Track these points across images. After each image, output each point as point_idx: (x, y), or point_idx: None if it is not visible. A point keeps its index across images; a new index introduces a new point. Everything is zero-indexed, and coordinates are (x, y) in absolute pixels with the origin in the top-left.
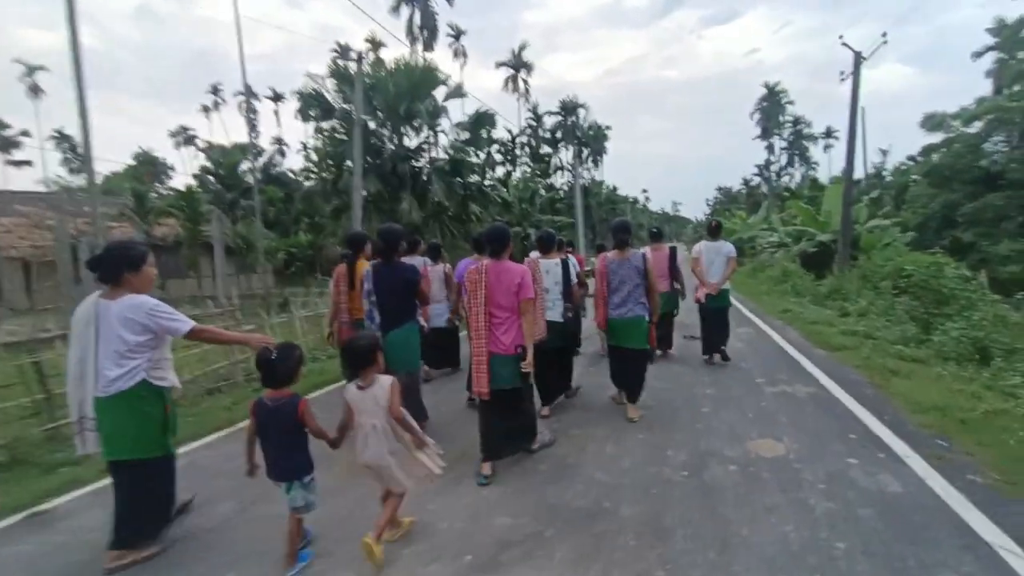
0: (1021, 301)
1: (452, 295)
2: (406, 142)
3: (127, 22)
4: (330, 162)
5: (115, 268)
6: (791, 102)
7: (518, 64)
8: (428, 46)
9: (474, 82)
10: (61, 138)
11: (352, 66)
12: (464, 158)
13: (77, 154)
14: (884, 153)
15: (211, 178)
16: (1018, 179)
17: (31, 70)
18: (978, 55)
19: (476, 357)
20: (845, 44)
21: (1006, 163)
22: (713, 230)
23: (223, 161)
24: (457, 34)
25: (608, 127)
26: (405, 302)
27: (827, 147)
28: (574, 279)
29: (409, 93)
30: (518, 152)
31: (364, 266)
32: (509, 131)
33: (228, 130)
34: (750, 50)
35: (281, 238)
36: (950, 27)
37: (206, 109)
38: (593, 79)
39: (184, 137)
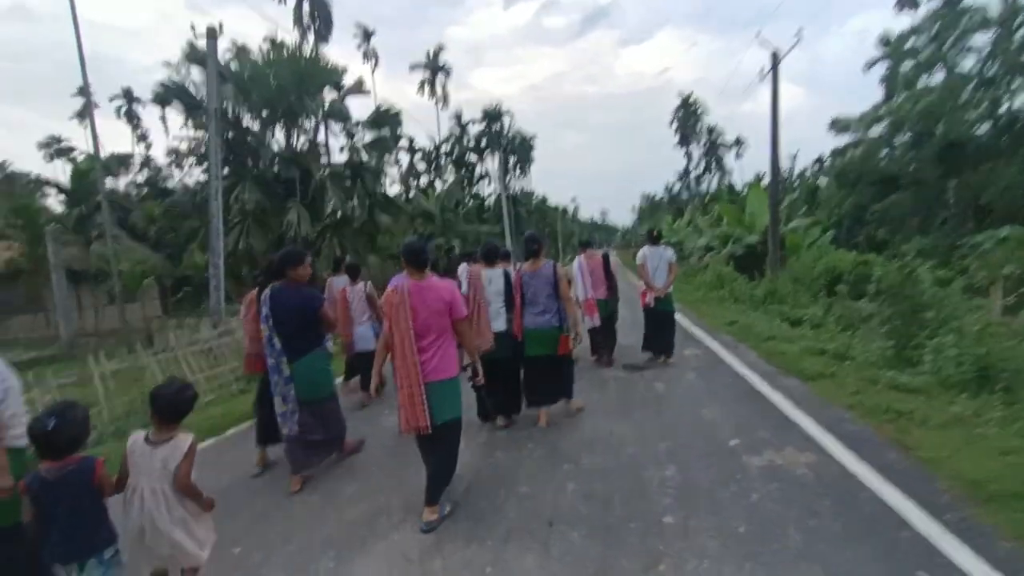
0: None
1: (377, 314)
2: (294, 144)
3: None
4: (194, 168)
5: None
6: (705, 112)
7: (434, 67)
8: (322, 37)
9: (399, 96)
10: None
11: (222, 51)
12: (364, 162)
13: None
14: (794, 158)
15: (54, 190)
16: (917, 178)
17: None
18: (869, 66)
19: (406, 389)
20: (762, 43)
21: (905, 163)
22: (654, 237)
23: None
24: (366, 34)
25: (534, 136)
26: (307, 328)
27: (738, 155)
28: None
29: (295, 87)
30: (442, 161)
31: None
32: (433, 139)
33: (105, 140)
34: (662, 69)
35: (168, 259)
36: (826, 53)
37: (80, 116)
38: (517, 93)
39: (56, 148)
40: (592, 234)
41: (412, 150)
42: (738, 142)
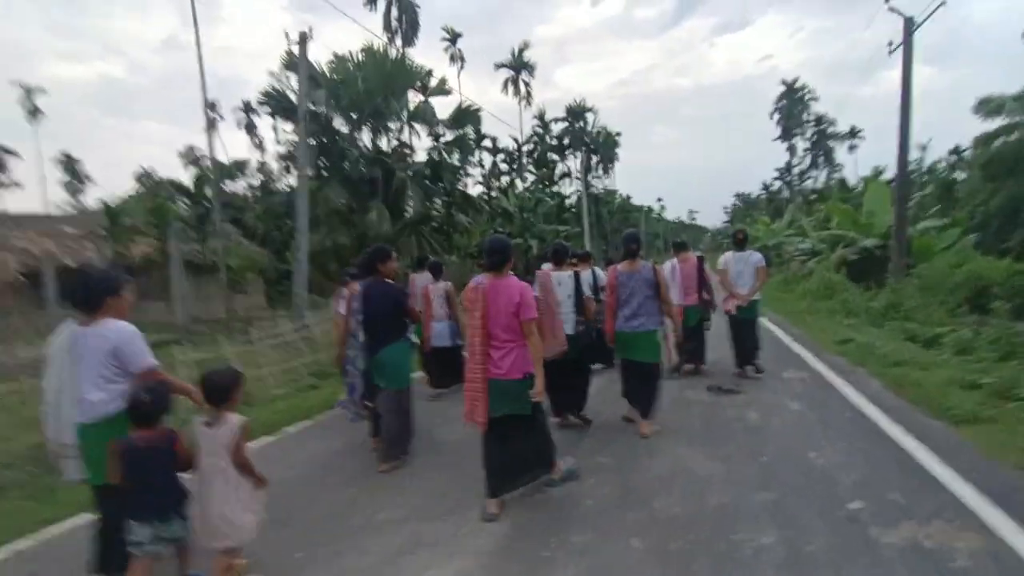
0: None
1: (455, 313)
2: (380, 144)
3: (153, 53)
4: (292, 170)
5: (95, 295)
6: (814, 98)
7: (518, 65)
8: (408, 41)
9: (484, 98)
10: (67, 160)
11: (319, 60)
12: (444, 161)
13: (78, 176)
14: (923, 149)
15: (177, 192)
16: None
17: (29, 92)
18: None
19: (470, 383)
20: (893, 9)
21: None
22: (739, 241)
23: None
24: (453, 37)
25: (619, 133)
26: (393, 321)
27: (852, 147)
28: (587, 292)
29: (381, 89)
30: (524, 160)
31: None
32: (515, 139)
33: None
34: (763, 56)
35: (274, 255)
36: (964, 26)
37: (210, 127)
38: (604, 90)
39: (192, 157)
40: (679, 235)
41: (495, 150)
42: (852, 133)
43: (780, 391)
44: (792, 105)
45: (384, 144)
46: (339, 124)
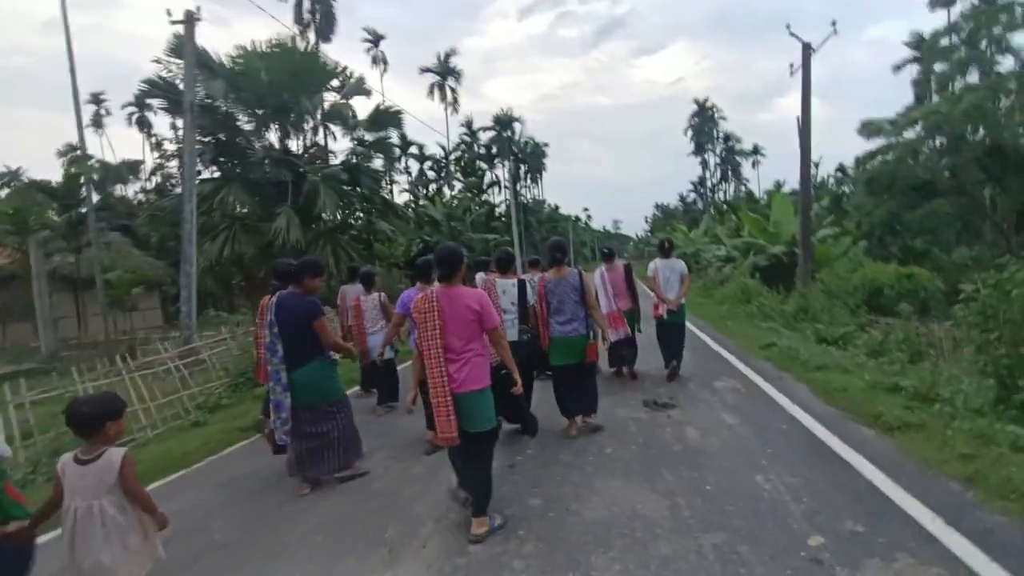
0: None
1: (389, 325)
2: (289, 144)
3: (34, 34)
4: (176, 170)
5: None
6: (723, 117)
7: (445, 71)
8: (323, 36)
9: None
10: None
11: (219, 51)
12: (362, 164)
13: None
14: (817, 166)
15: (40, 195)
16: (957, 185)
17: None
18: (898, 68)
19: (436, 399)
20: (793, 34)
21: (942, 169)
22: (666, 249)
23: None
24: (375, 39)
25: (546, 144)
26: (308, 337)
27: (755, 163)
28: (531, 300)
29: (289, 83)
30: (452, 168)
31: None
32: (443, 147)
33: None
34: (676, 79)
35: (171, 267)
36: (844, 64)
37: (95, 123)
38: (531, 103)
39: (72, 156)
40: (606, 243)
41: (422, 157)
42: (755, 151)
43: (715, 404)
44: (703, 123)
45: (296, 145)
46: (244, 122)
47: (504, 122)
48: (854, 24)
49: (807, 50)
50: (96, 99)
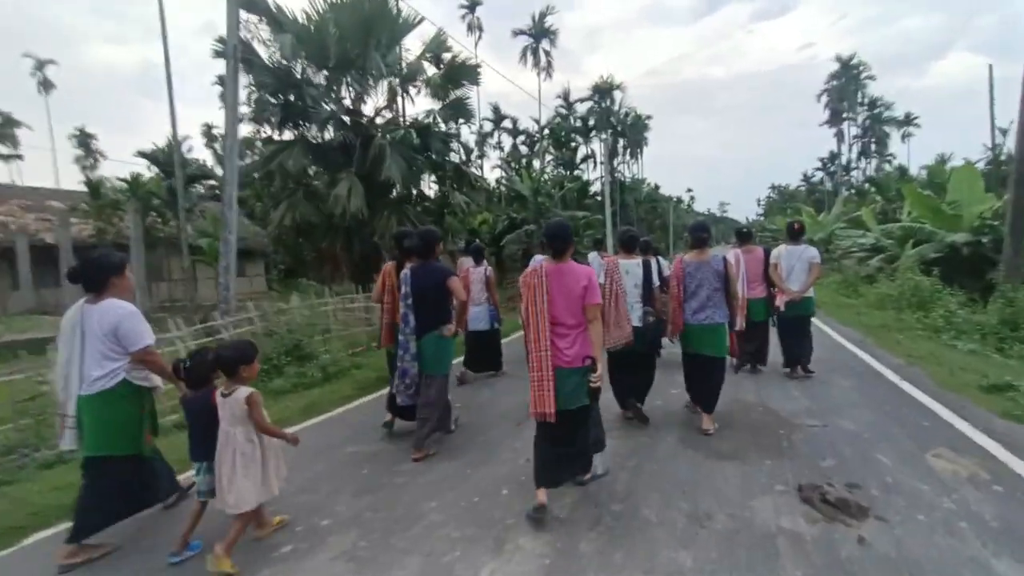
0: None
1: (494, 298)
2: (359, 105)
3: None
4: (259, 132)
5: (99, 275)
6: (871, 76)
7: (539, 32)
8: None
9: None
10: (81, 136)
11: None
12: (432, 127)
13: (91, 152)
14: (1004, 134)
15: (154, 167)
16: None
17: (41, 64)
18: None
19: (538, 372)
20: None
21: None
22: (795, 232)
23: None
24: (472, 4)
25: (648, 116)
26: (441, 305)
27: (905, 136)
28: (656, 282)
29: (359, 35)
30: (545, 142)
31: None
32: (536, 120)
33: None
34: (804, 44)
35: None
36: (1019, 16)
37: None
38: (633, 79)
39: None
40: (747, 225)
41: (515, 132)
42: (907, 120)
43: (946, 511)
44: (846, 84)
45: (369, 107)
46: (312, 80)
47: (603, 91)
48: None
49: None
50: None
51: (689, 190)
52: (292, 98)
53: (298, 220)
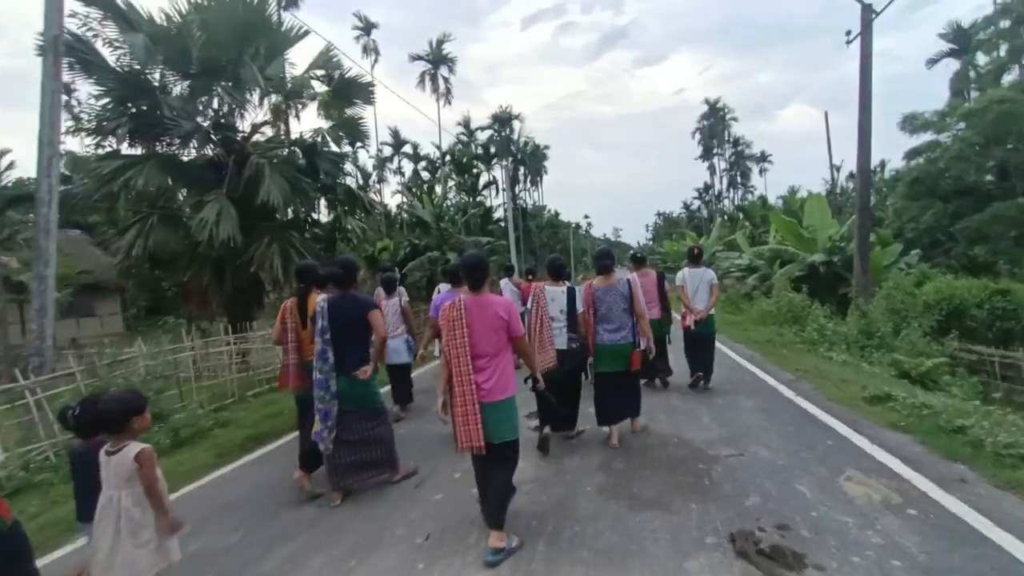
0: None
1: (411, 328)
2: (231, 119)
3: None
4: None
5: None
6: (735, 118)
7: (437, 58)
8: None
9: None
10: None
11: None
12: (319, 146)
13: None
14: (837, 169)
15: None
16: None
17: None
18: (933, 62)
19: (462, 407)
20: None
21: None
22: (695, 257)
23: None
24: (367, 26)
25: (547, 146)
26: (364, 338)
27: (763, 170)
28: (579, 307)
29: (232, 42)
30: (447, 169)
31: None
32: (437, 146)
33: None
34: (677, 89)
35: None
36: (845, 74)
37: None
38: (533, 111)
39: None
40: (640, 250)
41: (416, 157)
42: (763, 157)
43: (878, 548)
44: (714, 124)
45: (244, 124)
46: (172, 89)
47: (503, 120)
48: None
49: (867, 12)
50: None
51: (586, 216)
52: (145, 108)
53: (151, 249)
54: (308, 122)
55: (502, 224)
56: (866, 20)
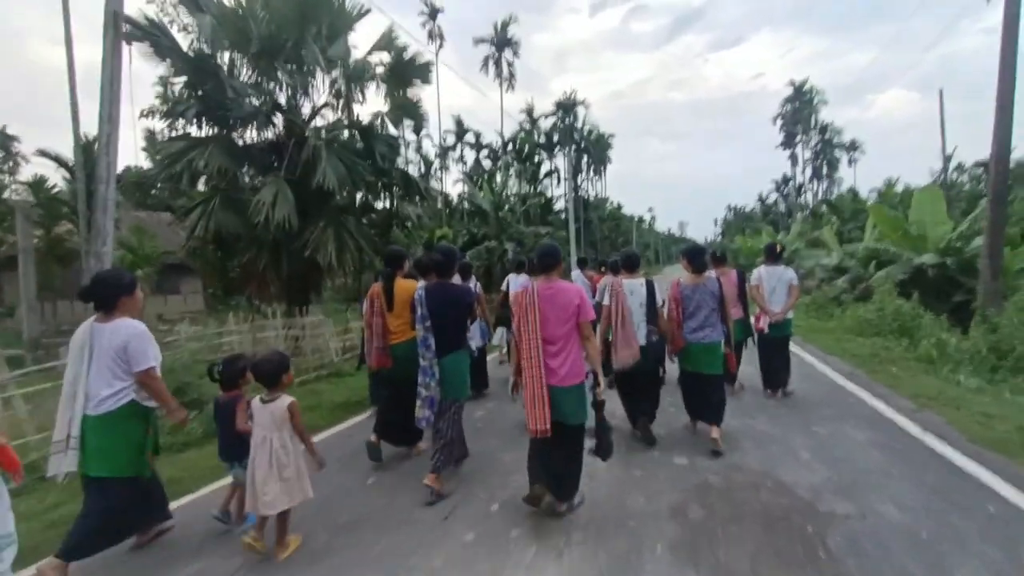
0: None
1: (485, 314)
2: (293, 101)
3: None
4: (169, 130)
5: (110, 294)
6: (824, 101)
7: (501, 42)
8: None
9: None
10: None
11: None
12: (375, 129)
13: (11, 153)
14: (948, 159)
15: (62, 168)
16: None
17: None
18: None
19: (531, 391)
20: None
21: None
22: (776, 254)
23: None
24: (432, 12)
25: (611, 135)
26: (460, 326)
27: (852, 161)
28: (659, 301)
29: (294, 22)
30: (509, 158)
31: (405, 286)
32: (500, 134)
33: None
34: (756, 74)
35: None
36: (953, 56)
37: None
38: (598, 101)
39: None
40: (720, 248)
41: (479, 146)
42: (854, 146)
43: None
44: (800, 109)
45: (306, 106)
46: (246, 73)
47: (567, 107)
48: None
49: None
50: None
51: (650, 209)
52: (211, 90)
53: (213, 230)
54: (371, 106)
55: (562, 215)
56: None
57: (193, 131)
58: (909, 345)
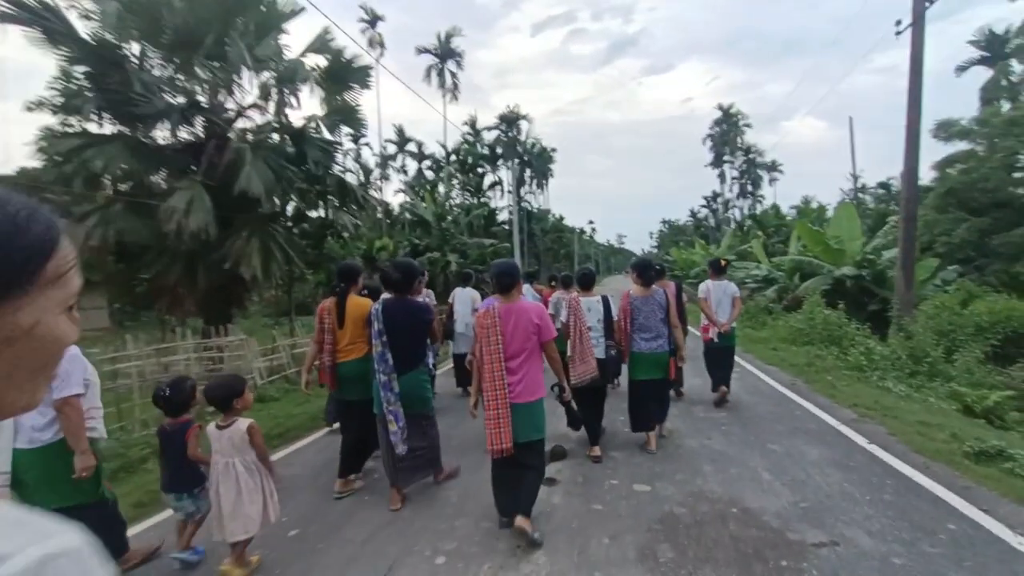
0: None
1: (440, 338)
2: (214, 100)
3: None
4: (62, 126)
5: None
6: (748, 125)
7: (445, 52)
8: None
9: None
10: None
11: None
12: (309, 133)
13: None
14: (856, 179)
15: None
16: None
17: None
18: (962, 69)
19: (493, 411)
20: None
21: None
22: (721, 268)
23: None
24: (372, 19)
25: (553, 149)
26: (419, 343)
27: (772, 180)
28: (615, 316)
29: (216, 17)
30: (452, 169)
31: (358, 303)
32: (442, 145)
33: None
34: (685, 99)
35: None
36: (853, 90)
37: None
38: (542, 116)
39: None
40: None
41: (420, 156)
42: (774, 166)
43: None
44: (727, 130)
45: (230, 106)
46: (152, 63)
47: (510, 120)
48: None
49: (920, 1)
50: None
51: (591, 222)
52: (116, 83)
53: (114, 239)
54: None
55: (506, 227)
56: (919, 10)
57: (93, 128)
58: (839, 353)
